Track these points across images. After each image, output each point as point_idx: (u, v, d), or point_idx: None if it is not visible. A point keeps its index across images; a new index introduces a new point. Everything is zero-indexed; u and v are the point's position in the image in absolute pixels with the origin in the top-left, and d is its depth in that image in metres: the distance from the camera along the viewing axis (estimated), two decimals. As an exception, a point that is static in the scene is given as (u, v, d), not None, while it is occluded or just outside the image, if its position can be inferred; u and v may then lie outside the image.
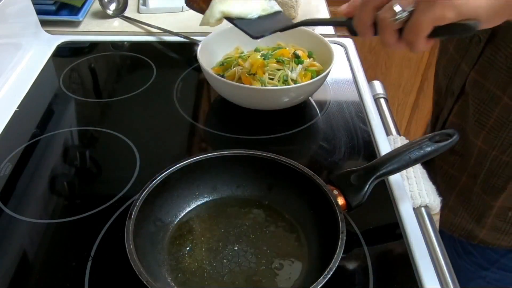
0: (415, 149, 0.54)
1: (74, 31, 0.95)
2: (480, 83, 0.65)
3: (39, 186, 0.61)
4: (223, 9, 0.63)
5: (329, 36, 0.92)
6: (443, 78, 0.76)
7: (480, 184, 0.70)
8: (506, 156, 0.65)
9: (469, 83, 0.68)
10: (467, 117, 0.69)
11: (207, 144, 0.73)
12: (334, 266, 0.44)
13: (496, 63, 0.62)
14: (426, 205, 0.60)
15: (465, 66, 0.68)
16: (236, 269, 0.50)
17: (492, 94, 0.63)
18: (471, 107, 0.68)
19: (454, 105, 0.72)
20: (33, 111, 0.75)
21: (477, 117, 0.67)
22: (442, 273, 0.52)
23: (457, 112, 0.72)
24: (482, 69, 0.65)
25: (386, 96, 0.81)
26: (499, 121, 0.64)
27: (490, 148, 0.66)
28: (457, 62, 0.71)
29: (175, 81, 0.82)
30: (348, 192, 0.52)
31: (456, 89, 0.71)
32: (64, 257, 0.52)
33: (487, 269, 0.77)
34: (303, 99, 0.74)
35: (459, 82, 0.70)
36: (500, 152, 0.65)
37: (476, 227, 0.74)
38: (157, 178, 0.52)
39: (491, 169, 0.68)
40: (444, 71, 0.76)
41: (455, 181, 0.74)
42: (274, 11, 0.66)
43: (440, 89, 0.78)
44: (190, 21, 1.00)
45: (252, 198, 0.57)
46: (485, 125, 0.66)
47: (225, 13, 0.64)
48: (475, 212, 0.73)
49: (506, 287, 0.78)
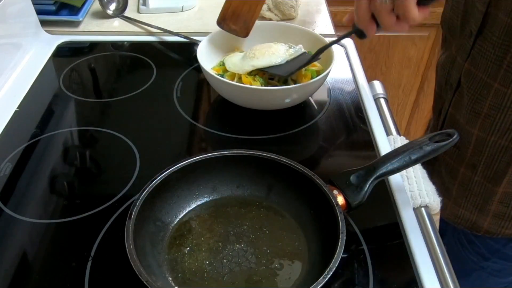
0: (415, 149, 0.54)
1: (74, 31, 0.95)
2: (473, 73, 0.68)
3: (39, 186, 0.61)
4: (253, 63, 0.71)
5: (329, 36, 0.92)
6: (441, 73, 0.79)
7: (481, 172, 0.72)
8: (504, 140, 0.67)
9: (464, 75, 0.70)
10: (462, 107, 0.71)
11: (207, 144, 0.73)
12: (334, 266, 0.44)
13: (485, 53, 0.64)
14: (426, 205, 0.60)
15: (460, 59, 0.71)
16: (236, 269, 0.50)
17: (484, 82, 0.66)
18: (466, 97, 0.70)
19: (453, 98, 0.74)
20: (33, 111, 0.75)
21: (472, 106, 0.69)
22: (442, 273, 0.52)
23: (454, 104, 0.74)
24: (474, 60, 0.67)
25: (386, 96, 0.81)
26: (493, 107, 0.66)
27: (488, 135, 0.68)
28: (453, 57, 0.73)
29: (175, 81, 0.82)
30: (348, 192, 0.52)
31: (454, 82, 0.73)
32: (64, 257, 0.52)
33: (488, 259, 0.79)
34: (303, 99, 0.74)
35: (456, 75, 0.72)
36: (498, 137, 0.67)
37: (480, 217, 0.75)
38: (157, 178, 0.52)
39: (491, 155, 0.69)
40: (442, 66, 0.78)
41: (455, 173, 0.76)
42: (299, 54, 0.74)
43: (440, 83, 0.81)
44: (190, 21, 1.00)
45: (252, 198, 0.57)
46: (480, 113, 0.68)
47: (256, 66, 0.72)
48: (478, 201, 0.74)
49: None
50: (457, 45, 0.72)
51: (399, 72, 1.61)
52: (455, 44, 0.73)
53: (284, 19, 0.99)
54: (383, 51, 1.54)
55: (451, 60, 0.74)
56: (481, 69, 0.66)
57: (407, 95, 1.69)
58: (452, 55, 0.74)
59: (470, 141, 0.71)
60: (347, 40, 0.92)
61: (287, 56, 0.72)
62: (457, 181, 0.76)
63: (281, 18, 0.99)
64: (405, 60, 1.58)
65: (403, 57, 1.57)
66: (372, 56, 1.55)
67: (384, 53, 1.55)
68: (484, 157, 0.70)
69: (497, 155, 0.69)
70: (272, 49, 0.73)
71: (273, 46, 0.74)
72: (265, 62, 0.71)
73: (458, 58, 0.71)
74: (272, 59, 0.72)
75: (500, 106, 0.65)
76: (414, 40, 1.50)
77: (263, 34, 0.82)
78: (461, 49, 0.70)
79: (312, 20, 1.01)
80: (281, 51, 0.73)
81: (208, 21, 1.00)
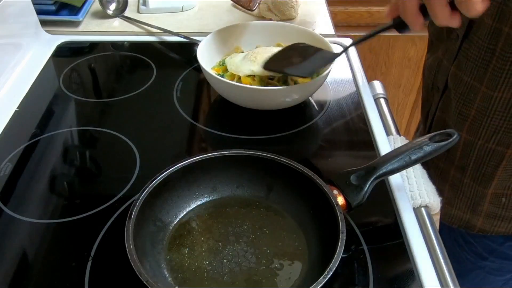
0: (415, 149, 0.54)
1: (74, 31, 0.95)
2: (459, 77, 0.68)
3: (39, 186, 0.61)
4: (253, 69, 0.70)
5: (329, 36, 0.93)
6: (428, 76, 0.79)
7: (470, 174, 0.72)
8: (491, 144, 0.67)
9: (450, 78, 0.70)
10: (450, 110, 0.72)
11: (207, 144, 0.73)
12: (334, 266, 0.44)
13: (471, 57, 0.65)
14: (426, 205, 0.60)
15: (447, 62, 0.71)
16: (236, 269, 0.50)
17: (471, 86, 0.66)
18: (453, 100, 0.70)
19: (440, 101, 0.75)
20: (33, 111, 0.75)
21: (459, 109, 0.69)
22: (442, 273, 0.52)
23: (442, 107, 0.75)
24: (460, 64, 0.67)
25: (386, 96, 0.81)
26: (480, 111, 0.66)
27: (475, 138, 0.69)
28: (440, 60, 0.74)
29: (175, 81, 0.82)
30: (348, 192, 0.52)
31: (441, 85, 0.74)
32: (64, 257, 0.52)
33: (486, 259, 0.79)
34: (303, 99, 0.74)
35: (442, 78, 0.73)
36: (485, 141, 0.68)
37: (472, 217, 0.75)
38: (157, 178, 0.52)
39: (479, 158, 0.69)
40: (429, 69, 0.79)
41: (446, 174, 0.76)
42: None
43: (427, 86, 0.81)
44: (190, 21, 1.00)
45: (252, 198, 0.57)
46: (468, 116, 0.68)
47: (255, 72, 0.70)
48: (470, 202, 0.75)
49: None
50: (443, 48, 0.72)
51: (399, 72, 1.61)
52: (441, 48, 0.73)
53: (284, 19, 0.99)
54: (383, 51, 1.54)
55: (437, 63, 0.75)
56: (467, 72, 0.66)
57: (407, 95, 1.69)
58: (438, 58, 0.74)
59: (458, 143, 0.70)
60: (347, 40, 0.92)
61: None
62: (448, 183, 0.76)
63: (281, 18, 0.99)
64: (405, 60, 1.58)
65: (403, 57, 1.57)
66: (372, 56, 1.55)
67: (384, 53, 1.55)
68: (472, 159, 0.70)
69: (485, 158, 0.69)
70: None
71: (274, 51, 0.73)
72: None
73: (445, 61, 0.72)
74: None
75: (486, 110, 0.65)
76: (414, 40, 1.50)
77: (263, 34, 0.82)
78: (447, 52, 0.71)
79: (312, 20, 1.01)
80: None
81: (208, 21, 1.00)
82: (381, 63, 1.59)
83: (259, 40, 0.81)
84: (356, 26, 1.47)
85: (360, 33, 0.71)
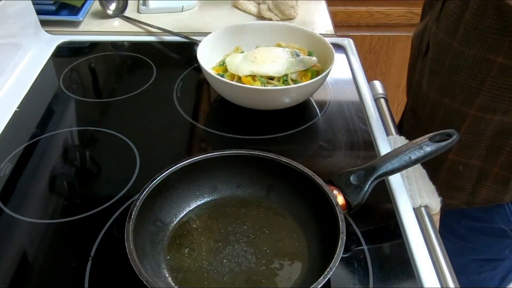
0: (415, 149, 0.54)
1: (74, 31, 0.95)
2: (437, 34, 0.68)
3: (39, 186, 0.61)
4: (253, 69, 0.70)
5: (329, 36, 0.93)
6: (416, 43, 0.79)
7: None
8: (456, 103, 0.67)
9: (431, 37, 0.71)
10: (424, 68, 0.72)
11: (207, 144, 0.73)
12: (334, 266, 0.44)
13: (449, 13, 0.65)
14: (426, 205, 0.60)
15: (432, 24, 0.72)
16: (236, 269, 0.50)
17: (444, 42, 0.66)
18: (429, 59, 0.70)
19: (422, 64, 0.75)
20: (33, 111, 0.75)
21: (433, 67, 0.69)
22: (442, 273, 0.52)
23: (421, 70, 0.75)
24: (440, 22, 0.68)
25: (386, 96, 0.81)
26: (451, 68, 0.66)
27: (442, 97, 0.68)
28: (426, 24, 0.74)
29: (175, 81, 0.82)
30: (348, 192, 0.52)
31: (424, 47, 0.74)
32: (64, 257, 0.52)
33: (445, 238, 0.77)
34: (303, 99, 0.74)
35: (426, 40, 0.73)
36: (451, 100, 0.67)
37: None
38: (157, 178, 0.52)
39: (444, 118, 0.69)
40: (417, 36, 0.79)
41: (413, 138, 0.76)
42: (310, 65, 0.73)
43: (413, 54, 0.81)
44: (190, 21, 1.00)
45: (252, 198, 0.57)
46: (439, 73, 0.68)
47: (254, 73, 0.70)
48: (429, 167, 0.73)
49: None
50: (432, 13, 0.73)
51: (399, 72, 1.61)
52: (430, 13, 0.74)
53: (284, 19, 0.99)
54: (383, 51, 1.54)
55: (424, 28, 0.75)
56: (443, 29, 0.66)
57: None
58: (426, 23, 0.75)
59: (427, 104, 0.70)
60: (347, 40, 0.92)
61: (288, 65, 0.72)
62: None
63: (281, 18, 0.99)
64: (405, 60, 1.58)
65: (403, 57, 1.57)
66: (372, 56, 1.55)
67: (384, 53, 1.55)
68: (438, 119, 0.70)
69: (449, 118, 0.68)
70: (273, 55, 0.73)
71: (274, 52, 0.73)
72: (265, 70, 0.71)
73: (430, 23, 0.72)
74: (272, 67, 0.72)
75: (457, 68, 0.65)
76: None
77: (263, 34, 0.82)
78: (433, 13, 0.71)
79: (312, 20, 1.01)
80: (282, 59, 0.72)
81: (208, 21, 1.00)
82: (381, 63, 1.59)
83: (259, 40, 0.81)
84: (356, 26, 1.47)
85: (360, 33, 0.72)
